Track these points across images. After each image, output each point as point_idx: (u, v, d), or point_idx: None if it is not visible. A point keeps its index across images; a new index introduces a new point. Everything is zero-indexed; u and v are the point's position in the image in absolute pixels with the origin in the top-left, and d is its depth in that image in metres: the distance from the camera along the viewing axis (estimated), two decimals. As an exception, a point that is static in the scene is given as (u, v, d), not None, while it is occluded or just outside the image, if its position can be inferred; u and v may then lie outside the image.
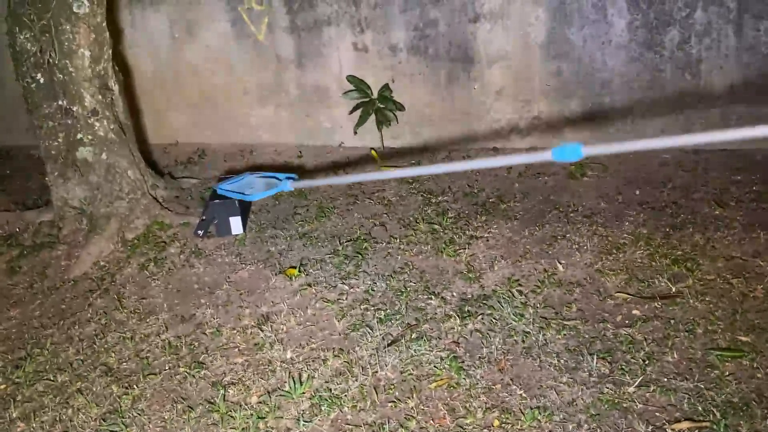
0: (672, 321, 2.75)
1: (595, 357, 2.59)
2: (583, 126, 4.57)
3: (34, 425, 2.60)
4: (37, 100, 3.89)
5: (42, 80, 3.85)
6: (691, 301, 2.85)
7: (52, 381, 2.84)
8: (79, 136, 3.92)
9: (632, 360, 2.56)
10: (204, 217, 3.84)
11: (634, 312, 2.84)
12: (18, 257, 3.85)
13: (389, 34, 4.73)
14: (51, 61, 3.80)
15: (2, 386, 2.84)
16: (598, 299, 2.96)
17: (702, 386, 2.39)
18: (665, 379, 2.45)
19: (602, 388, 2.44)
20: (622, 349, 2.63)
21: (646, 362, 2.54)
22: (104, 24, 3.91)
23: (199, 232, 3.81)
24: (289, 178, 2.77)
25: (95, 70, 3.90)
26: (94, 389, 2.76)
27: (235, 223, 3.86)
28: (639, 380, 2.45)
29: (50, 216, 4.11)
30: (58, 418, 2.62)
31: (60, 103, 3.88)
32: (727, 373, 2.43)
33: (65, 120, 3.90)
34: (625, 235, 3.44)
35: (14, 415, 2.67)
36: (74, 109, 3.88)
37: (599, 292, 3.02)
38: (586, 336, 2.73)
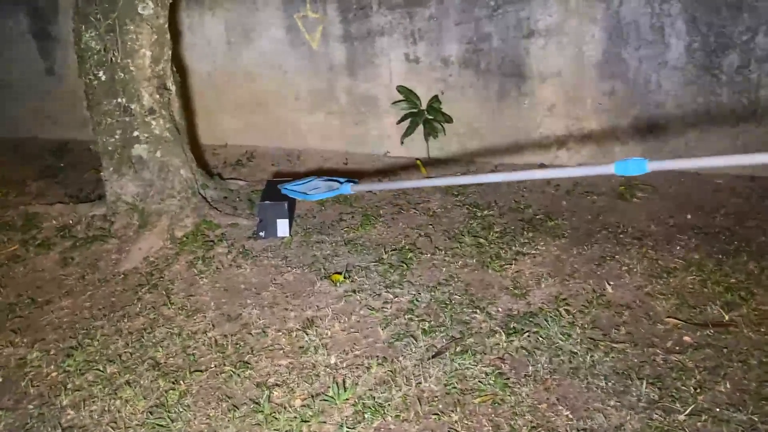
0: (725, 350, 2.69)
1: (644, 382, 2.54)
2: (635, 147, 4.51)
3: (83, 414, 2.66)
4: (98, 96, 4.00)
5: (104, 78, 3.96)
6: (745, 330, 2.79)
7: (102, 372, 2.90)
8: (135, 133, 4.02)
9: (683, 387, 2.51)
10: (260, 218, 3.91)
11: (685, 338, 2.79)
12: (71, 249, 3.95)
13: (442, 47, 4.75)
14: (114, 59, 3.91)
15: (54, 374, 2.92)
16: (648, 323, 2.91)
17: (756, 419, 2.33)
18: (717, 410, 2.39)
19: (651, 414, 2.40)
20: (672, 375, 2.58)
21: (698, 391, 2.48)
22: (166, 26, 4.01)
23: (261, 233, 3.88)
24: (350, 181, 2.80)
25: (155, 70, 4.00)
26: (142, 382, 2.81)
27: (282, 226, 3.91)
28: (690, 409, 2.40)
29: (103, 210, 4.21)
30: (106, 409, 2.68)
31: (119, 100, 3.98)
32: (783, 407, 2.37)
33: (123, 117, 4.00)
34: (676, 259, 3.38)
35: (64, 402, 2.73)
36: (132, 107, 3.98)
37: (649, 316, 2.97)
38: (635, 360, 2.69)
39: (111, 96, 3.98)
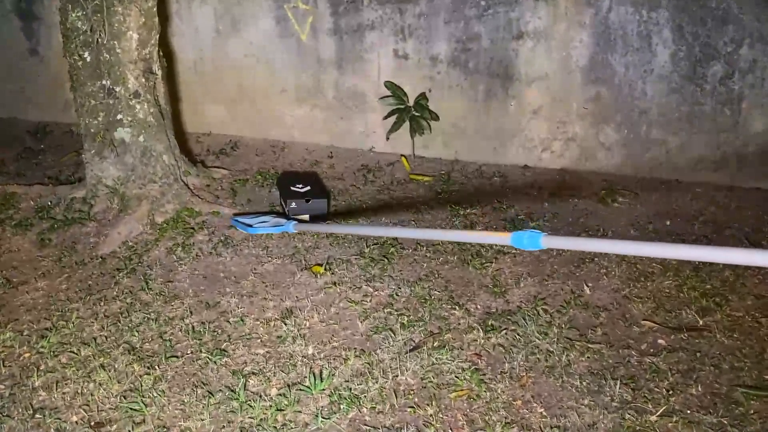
0: (698, 354, 2.73)
1: (618, 382, 2.57)
2: (617, 152, 4.56)
3: (56, 396, 2.63)
4: (82, 77, 3.95)
5: (89, 59, 3.91)
6: (719, 335, 2.83)
7: (76, 354, 2.86)
8: (119, 116, 3.98)
9: (656, 389, 2.55)
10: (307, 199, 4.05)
11: (660, 341, 2.83)
12: (48, 230, 3.90)
13: (431, 44, 4.76)
14: (100, 40, 3.86)
15: (26, 354, 2.87)
16: (624, 325, 2.95)
17: (726, 422, 2.37)
18: (688, 411, 2.43)
19: (624, 414, 2.43)
20: (645, 377, 2.62)
21: (670, 392, 2.52)
22: (155, 9, 3.97)
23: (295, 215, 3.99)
24: (293, 220, 3.40)
25: (141, 54, 3.96)
26: (117, 366, 2.78)
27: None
28: (662, 410, 2.43)
29: (83, 192, 4.16)
30: (79, 391, 2.64)
31: (104, 82, 3.93)
32: (752, 411, 2.41)
33: (107, 100, 3.96)
34: (654, 264, 3.42)
35: (37, 383, 2.69)
36: (117, 89, 3.94)
37: (625, 318, 3.00)
38: (610, 361, 2.72)
39: (95, 77, 3.93)
